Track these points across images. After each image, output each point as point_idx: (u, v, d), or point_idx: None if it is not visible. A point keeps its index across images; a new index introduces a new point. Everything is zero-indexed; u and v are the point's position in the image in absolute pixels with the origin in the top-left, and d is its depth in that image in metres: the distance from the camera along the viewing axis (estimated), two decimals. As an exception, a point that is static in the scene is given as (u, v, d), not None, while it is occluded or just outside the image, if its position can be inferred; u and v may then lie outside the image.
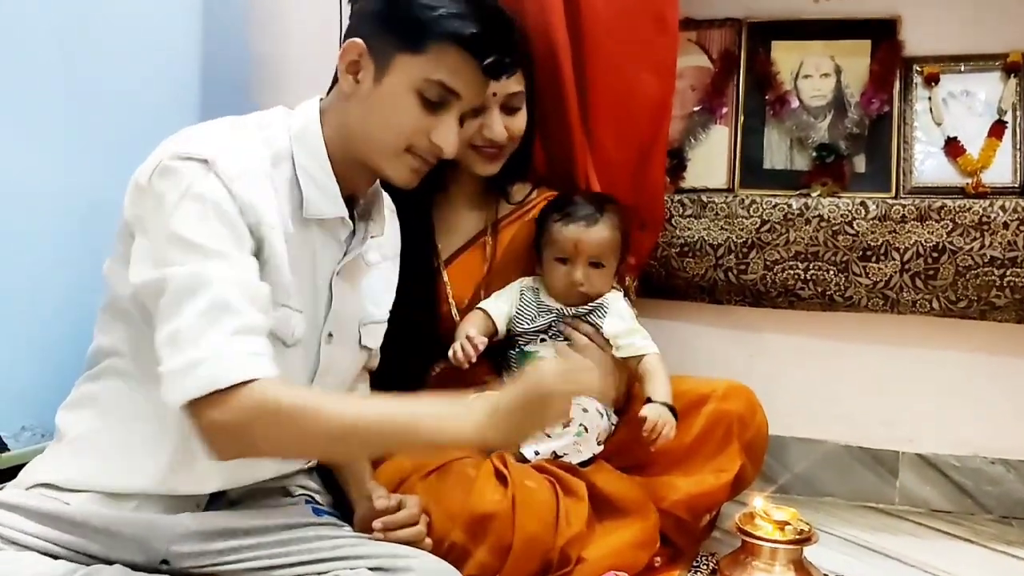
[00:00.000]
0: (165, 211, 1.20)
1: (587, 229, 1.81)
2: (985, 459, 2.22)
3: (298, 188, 1.34)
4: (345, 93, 1.34)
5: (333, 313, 1.40)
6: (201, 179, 1.20)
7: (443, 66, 1.31)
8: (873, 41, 2.28)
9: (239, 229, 1.22)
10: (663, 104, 2.06)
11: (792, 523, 1.68)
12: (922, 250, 2.09)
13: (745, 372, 2.18)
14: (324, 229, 1.38)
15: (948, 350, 2.24)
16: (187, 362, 1.13)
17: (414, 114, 1.32)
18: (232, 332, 1.15)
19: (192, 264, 1.17)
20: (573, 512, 1.61)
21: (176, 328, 1.15)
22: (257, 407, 1.13)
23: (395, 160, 1.35)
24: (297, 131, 1.35)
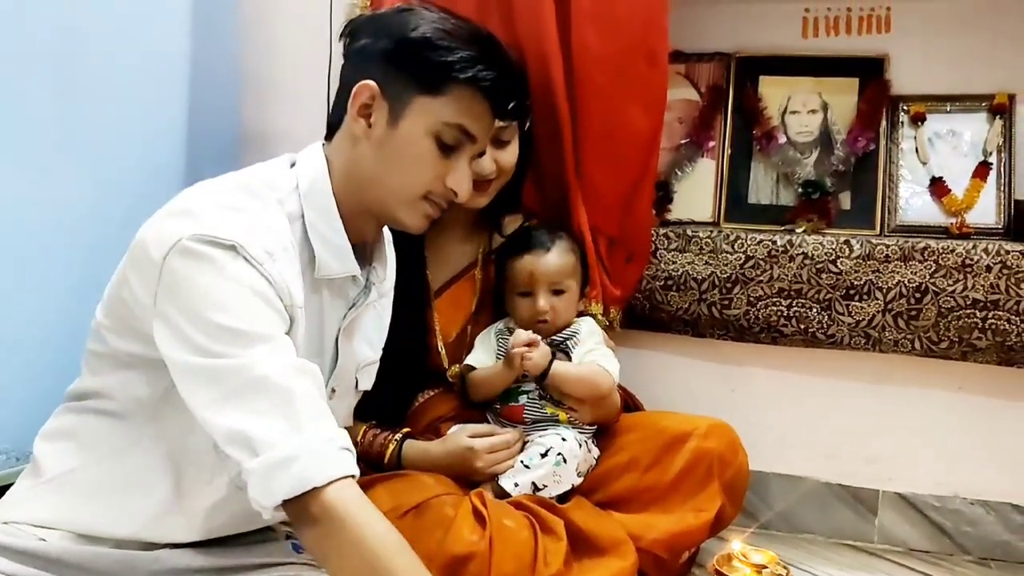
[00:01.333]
0: (196, 296, 1.14)
1: (542, 257, 1.83)
2: (964, 500, 2.22)
3: (309, 247, 1.30)
4: (356, 137, 1.30)
5: (338, 370, 1.39)
6: (231, 263, 1.15)
7: (462, 109, 1.29)
8: (861, 79, 2.28)
9: (277, 309, 1.19)
10: (652, 139, 2.06)
11: (770, 566, 1.68)
12: (905, 290, 2.09)
13: (726, 406, 2.19)
14: (332, 290, 1.35)
15: (929, 390, 2.23)
16: (279, 458, 1.09)
17: (432, 159, 1.30)
18: (311, 418, 1.12)
19: (240, 357, 1.12)
20: (551, 551, 1.60)
21: (240, 429, 1.10)
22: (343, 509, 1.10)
23: (411, 207, 1.33)
24: (306, 188, 1.31)
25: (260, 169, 1.34)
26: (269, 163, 1.36)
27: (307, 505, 1.09)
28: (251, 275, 1.16)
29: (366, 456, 1.77)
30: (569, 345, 1.86)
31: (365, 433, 1.78)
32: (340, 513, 1.09)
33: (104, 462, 1.29)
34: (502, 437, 1.78)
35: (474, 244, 1.95)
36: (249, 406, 1.11)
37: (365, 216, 1.35)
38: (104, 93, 1.74)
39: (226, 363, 1.12)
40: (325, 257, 1.31)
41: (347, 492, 1.11)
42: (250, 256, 1.16)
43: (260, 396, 1.11)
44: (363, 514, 1.11)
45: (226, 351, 1.12)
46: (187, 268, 1.15)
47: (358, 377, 1.47)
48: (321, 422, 1.13)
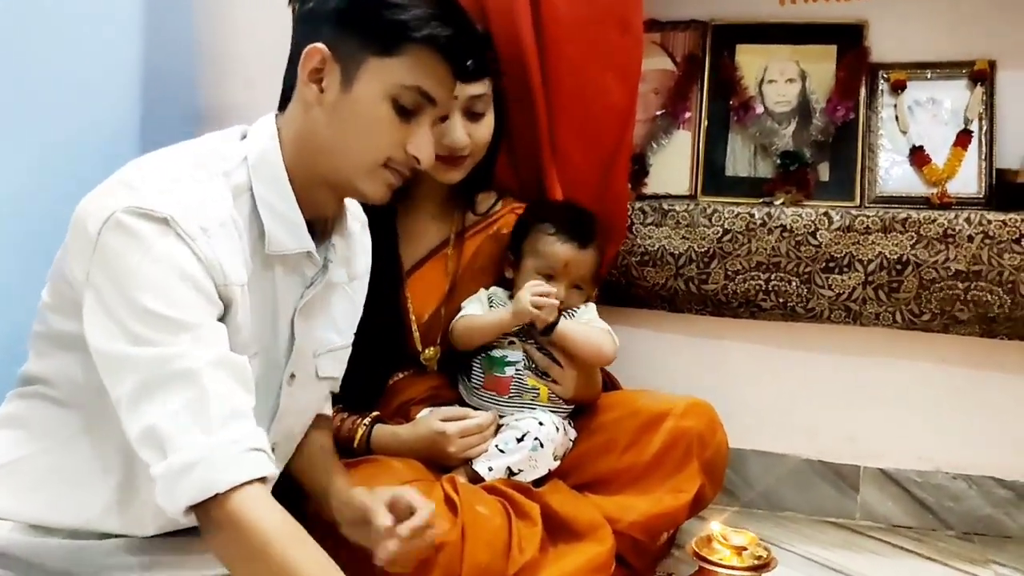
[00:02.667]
0: (124, 274, 1.09)
1: (581, 251, 1.80)
2: (947, 475, 2.20)
3: (258, 221, 1.23)
4: (308, 103, 1.23)
5: (296, 353, 1.32)
6: (161, 238, 1.10)
7: (419, 70, 1.22)
8: (839, 47, 2.23)
9: (208, 293, 1.13)
10: (627, 109, 2.01)
11: (750, 548, 1.63)
12: (886, 262, 2.05)
13: (705, 383, 2.16)
14: (287, 266, 1.28)
15: (911, 363, 2.21)
16: (182, 463, 1.05)
17: (390, 124, 1.23)
18: (222, 420, 1.07)
19: (162, 345, 1.08)
20: (526, 538, 1.56)
21: (152, 425, 1.06)
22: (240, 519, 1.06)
23: (371, 176, 1.26)
24: (255, 160, 1.24)
25: (210, 139, 1.28)
26: (220, 133, 1.30)
27: (210, 511, 1.06)
28: (181, 254, 1.11)
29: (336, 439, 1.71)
30: (567, 315, 1.82)
31: (333, 417, 1.72)
32: (243, 520, 1.05)
33: (53, 451, 1.23)
34: (475, 420, 1.73)
35: (447, 222, 1.89)
36: (161, 403, 1.06)
37: (321, 188, 1.28)
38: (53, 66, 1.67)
39: (146, 353, 1.07)
40: (276, 231, 1.24)
41: (251, 498, 1.06)
42: (182, 231, 1.11)
43: (174, 392, 1.07)
44: (268, 520, 1.06)
45: (149, 337, 1.08)
46: (119, 244, 1.10)
47: (317, 363, 1.39)
48: (233, 422, 1.08)
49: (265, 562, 1.05)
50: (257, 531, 1.05)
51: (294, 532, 1.09)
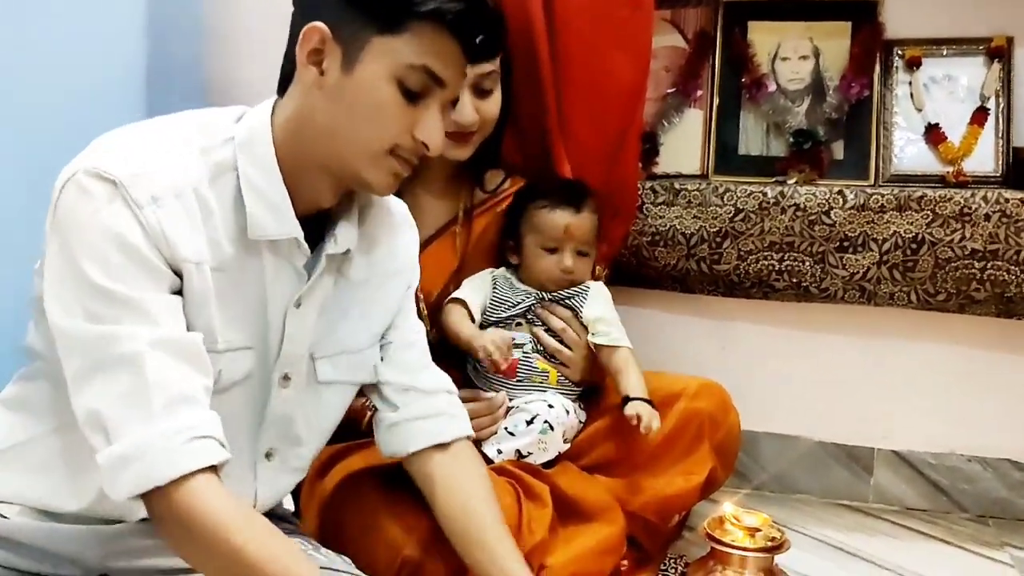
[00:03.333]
0: (69, 239, 1.06)
1: (577, 215, 1.78)
2: (962, 457, 2.18)
3: (242, 204, 1.16)
4: (307, 86, 1.14)
5: (285, 354, 1.23)
6: (107, 204, 1.06)
7: (426, 48, 1.13)
8: (853, 23, 2.19)
9: (151, 265, 1.07)
10: (637, 87, 1.99)
11: (763, 529, 1.61)
12: (901, 241, 2.03)
13: (717, 364, 2.16)
14: (276, 254, 1.19)
15: (926, 344, 2.18)
16: (122, 454, 1.02)
17: (396, 108, 1.14)
18: (163, 408, 1.03)
19: (107, 322, 1.04)
20: (536, 519, 1.55)
21: (95, 409, 1.03)
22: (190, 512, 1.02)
23: (376, 165, 1.17)
24: (243, 137, 1.17)
25: (205, 114, 1.22)
26: (219, 110, 1.23)
27: (152, 503, 1.03)
28: (126, 222, 1.06)
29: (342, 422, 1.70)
30: (576, 303, 1.80)
31: None
32: (189, 512, 1.02)
33: (55, 435, 1.20)
34: (484, 403, 1.71)
35: (453, 200, 1.87)
36: (103, 387, 1.03)
37: (318, 176, 1.19)
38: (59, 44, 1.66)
39: (92, 331, 1.04)
40: (258, 213, 1.15)
41: (196, 489, 1.02)
42: (129, 197, 1.06)
43: (116, 376, 1.03)
44: (215, 511, 1.03)
45: (95, 312, 1.04)
46: (71, 203, 1.07)
47: (316, 366, 1.29)
48: (177, 409, 1.04)
49: (216, 552, 1.02)
50: (205, 522, 1.02)
51: (246, 519, 1.05)
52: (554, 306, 1.80)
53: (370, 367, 1.35)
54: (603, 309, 1.81)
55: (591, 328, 1.79)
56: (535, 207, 1.79)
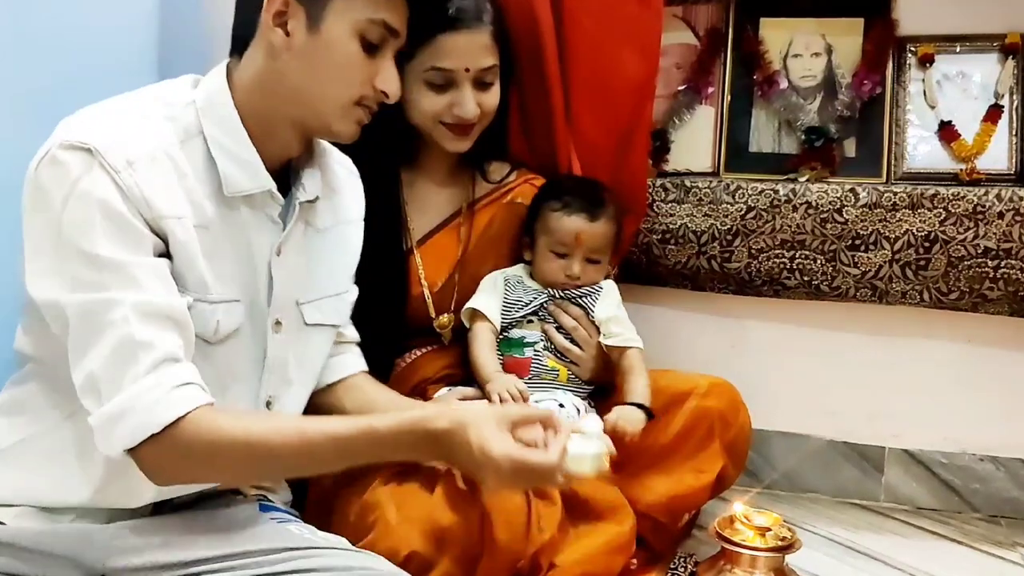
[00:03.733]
0: (52, 213, 1.11)
1: (590, 223, 1.77)
2: (973, 456, 2.17)
3: (214, 165, 1.21)
4: (274, 48, 1.20)
5: (276, 299, 1.29)
6: (85, 173, 1.10)
7: (382, 3, 1.21)
8: (866, 19, 2.18)
9: (134, 229, 1.12)
10: (646, 84, 1.98)
11: (774, 528, 1.62)
12: (913, 239, 2.02)
13: (727, 362, 2.15)
14: (253, 207, 1.25)
15: (938, 343, 2.17)
16: (113, 412, 1.08)
17: (360, 62, 1.22)
18: (150, 368, 1.09)
19: (90, 289, 1.09)
20: (545, 517, 1.54)
21: (90, 372, 1.09)
22: (192, 443, 1.10)
23: (346, 116, 1.26)
24: (203, 102, 1.23)
25: (159, 85, 1.27)
26: (170, 81, 1.29)
27: (144, 452, 1.10)
28: (105, 188, 1.10)
29: None
30: (588, 302, 1.80)
31: None
32: (185, 447, 1.10)
33: (53, 431, 1.24)
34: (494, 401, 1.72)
35: (459, 191, 1.87)
36: (96, 352, 1.09)
37: (283, 129, 1.26)
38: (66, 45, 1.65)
39: (79, 299, 1.10)
40: (230, 171, 1.22)
41: (193, 422, 1.10)
42: (106, 163, 1.11)
43: (105, 341, 1.09)
44: (220, 428, 1.12)
45: (82, 278, 1.10)
46: (48, 178, 1.11)
47: (302, 310, 1.36)
48: (162, 367, 1.10)
49: (231, 461, 1.14)
50: (209, 443, 1.11)
51: (239, 421, 1.14)
52: (566, 304, 1.79)
53: (347, 309, 1.45)
54: (615, 309, 1.80)
55: (603, 328, 1.78)
56: (550, 208, 1.78)
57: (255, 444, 1.13)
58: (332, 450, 1.16)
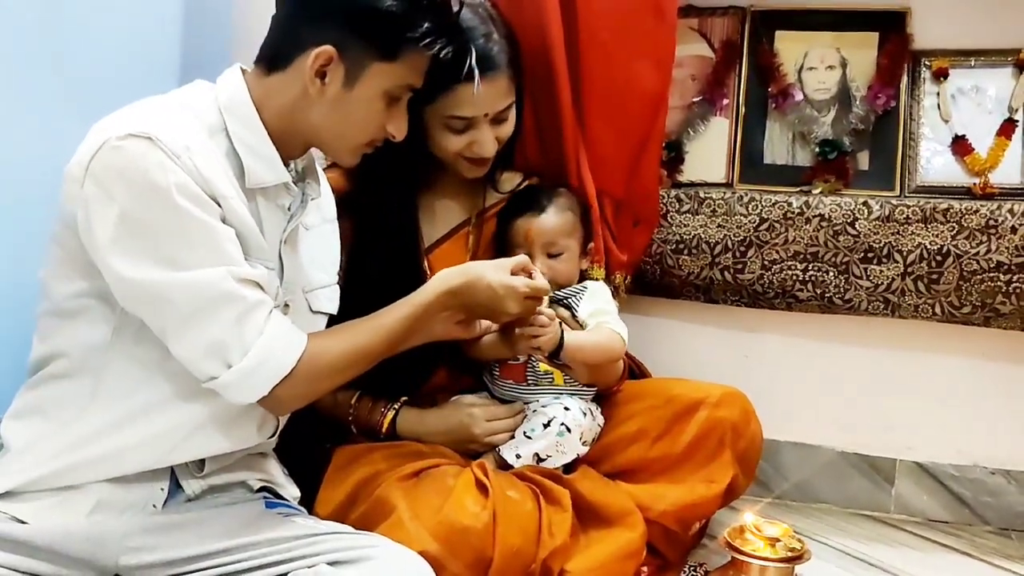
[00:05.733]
0: (129, 203, 1.19)
1: (536, 218, 1.79)
2: (985, 469, 2.17)
3: (237, 159, 1.33)
4: (308, 92, 1.32)
5: (286, 283, 1.41)
6: (149, 157, 1.19)
7: (414, 71, 1.37)
8: (881, 33, 2.19)
9: (206, 202, 1.23)
10: (659, 97, 2.00)
11: (784, 539, 1.62)
12: (926, 253, 2.02)
13: (740, 374, 2.15)
14: (267, 198, 1.38)
15: (949, 356, 2.18)
16: (248, 367, 1.25)
17: (380, 114, 1.38)
18: (263, 322, 1.26)
19: (189, 267, 1.22)
20: (556, 523, 1.55)
21: (212, 339, 1.24)
22: (315, 370, 1.32)
23: (354, 153, 1.42)
24: (225, 103, 1.34)
25: (178, 91, 1.38)
26: (186, 86, 1.40)
27: (280, 389, 1.29)
28: (172, 169, 1.20)
29: (360, 425, 1.74)
30: (573, 302, 1.80)
31: (360, 400, 1.74)
32: (315, 369, 1.32)
33: (74, 422, 1.30)
34: (504, 408, 1.75)
35: (467, 201, 1.89)
36: (217, 318, 1.23)
37: (296, 141, 1.40)
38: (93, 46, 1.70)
39: (182, 278, 1.21)
40: (254, 166, 1.34)
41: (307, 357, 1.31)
42: (166, 148, 1.21)
43: (223, 311, 1.23)
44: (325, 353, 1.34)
45: (175, 257, 1.21)
46: (113, 168, 1.20)
47: (308, 298, 1.49)
48: (272, 319, 1.28)
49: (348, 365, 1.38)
50: (329, 362, 1.34)
51: (339, 333, 1.41)
52: (554, 307, 1.78)
53: (337, 299, 1.57)
54: (598, 304, 1.80)
55: (586, 323, 1.78)
56: (503, 220, 1.83)
57: (356, 352, 1.38)
58: (400, 332, 1.42)
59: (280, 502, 1.46)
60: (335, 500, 1.59)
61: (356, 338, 1.39)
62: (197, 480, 1.39)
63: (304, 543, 1.32)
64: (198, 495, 1.39)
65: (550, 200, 1.80)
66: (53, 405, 1.32)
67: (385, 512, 1.51)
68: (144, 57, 1.82)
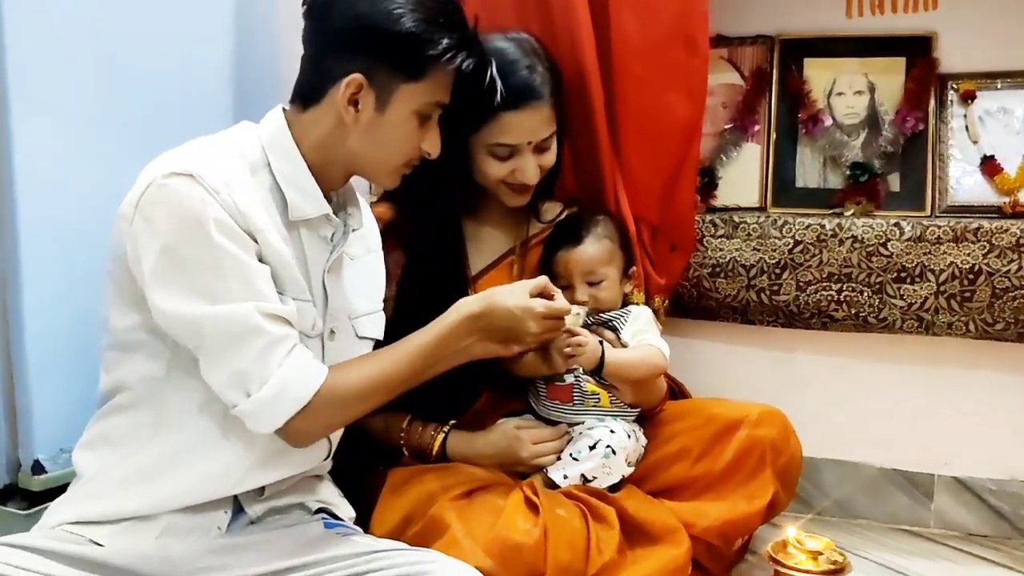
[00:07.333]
0: (169, 236, 1.26)
1: (574, 249, 1.83)
2: (1022, 483, 2.19)
3: (280, 193, 1.39)
4: (342, 121, 1.38)
5: (331, 310, 1.46)
6: (191, 193, 1.26)
7: (441, 88, 1.42)
8: (908, 58, 2.24)
9: (241, 237, 1.29)
10: (693, 126, 2.05)
11: (826, 553, 1.65)
12: (958, 272, 2.06)
13: (778, 393, 2.15)
14: (310, 229, 1.43)
15: (984, 372, 2.20)
16: (265, 397, 1.28)
17: (412, 134, 1.43)
18: (285, 356, 1.30)
19: (223, 300, 1.27)
20: (604, 540, 1.59)
21: (236, 369, 1.28)
22: (334, 402, 1.34)
23: (393, 174, 1.47)
24: (268, 140, 1.41)
25: (224, 132, 1.44)
26: (232, 127, 1.46)
27: (297, 421, 1.31)
28: (211, 205, 1.27)
29: (412, 448, 1.78)
30: (618, 324, 1.84)
31: (411, 423, 1.79)
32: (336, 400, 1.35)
33: (139, 452, 1.36)
34: (550, 430, 1.79)
35: (512, 231, 1.94)
36: (243, 351, 1.28)
37: (336, 172, 1.45)
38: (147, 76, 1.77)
39: (215, 311, 1.26)
40: (296, 199, 1.40)
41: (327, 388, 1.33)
42: (207, 185, 1.27)
43: (249, 343, 1.28)
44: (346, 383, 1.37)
45: (210, 290, 1.27)
46: (158, 203, 1.27)
47: (355, 324, 1.53)
48: (294, 353, 1.32)
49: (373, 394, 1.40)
50: (350, 391, 1.37)
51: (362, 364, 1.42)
52: (599, 328, 1.83)
53: (383, 325, 1.61)
54: (642, 325, 1.84)
55: (629, 344, 1.82)
56: (547, 250, 1.89)
57: (377, 381, 1.40)
58: (421, 359, 1.44)
59: (338, 522, 1.50)
60: (390, 520, 1.63)
61: (377, 367, 1.41)
62: (259, 504, 1.43)
63: (365, 560, 1.34)
64: (260, 517, 1.44)
65: (588, 230, 1.84)
66: (119, 436, 1.38)
67: (439, 531, 1.55)
68: (198, 102, 1.89)
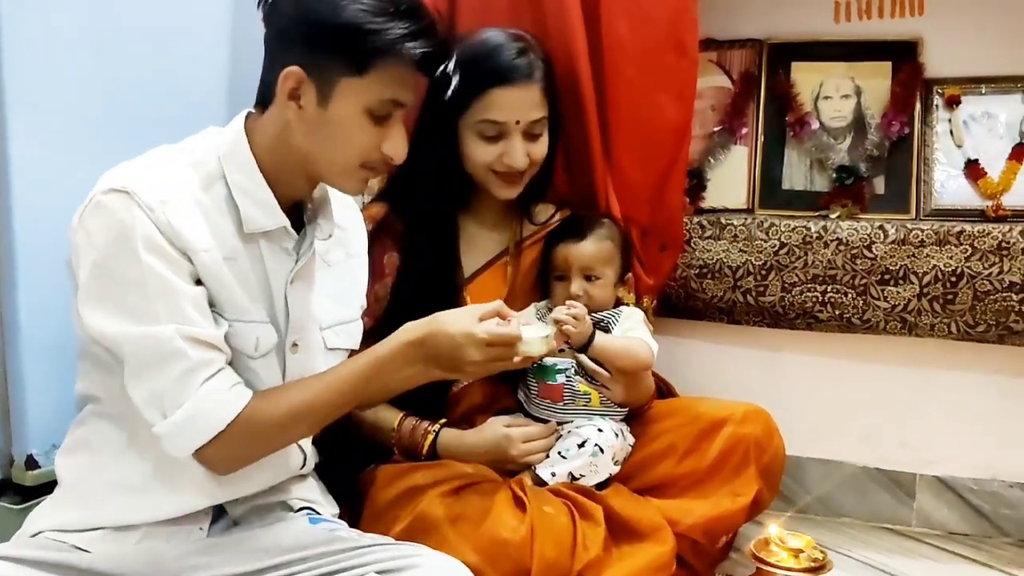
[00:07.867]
0: (99, 252, 1.25)
1: (576, 244, 1.87)
2: (1003, 483, 2.22)
3: (235, 205, 1.35)
4: (287, 117, 1.32)
5: (292, 322, 1.42)
6: (126, 212, 1.24)
7: (392, 83, 1.31)
8: (894, 63, 2.27)
9: (172, 257, 1.26)
10: (683, 128, 2.08)
11: (807, 551, 1.68)
12: (941, 275, 2.09)
13: (763, 393, 2.17)
14: (270, 240, 1.38)
15: (966, 373, 2.23)
16: (180, 420, 1.25)
17: (365, 132, 1.33)
18: (204, 382, 1.27)
19: (146, 322, 1.25)
20: (590, 536, 1.61)
21: (154, 390, 1.26)
22: (252, 431, 1.30)
23: (348, 176, 1.38)
24: (225, 150, 1.36)
25: (188, 138, 1.41)
26: (200, 132, 1.42)
27: (210, 448, 1.28)
28: (145, 224, 1.24)
29: (403, 446, 1.79)
30: (609, 323, 1.87)
31: (402, 421, 1.80)
32: (251, 431, 1.30)
33: (116, 462, 1.36)
34: (538, 427, 1.81)
35: (506, 232, 1.96)
36: (160, 374, 1.25)
37: (297, 177, 1.39)
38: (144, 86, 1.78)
39: (139, 331, 1.24)
40: (250, 211, 1.35)
41: (245, 417, 1.28)
42: (142, 202, 1.24)
43: (169, 366, 1.25)
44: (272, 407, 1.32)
45: (135, 309, 1.24)
46: (92, 223, 1.26)
47: (324, 335, 1.49)
48: (214, 379, 1.28)
49: (294, 427, 1.35)
50: (267, 421, 1.31)
51: (286, 392, 1.35)
52: None
53: (359, 335, 1.57)
54: (633, 324, 1.87)
55: None
56: (548, 244, 1.91)
57: (302, 410, 1.34)
58: (352, 388, 1.36)
59: (322, 518, 1.50)
60: (379, 516, 1.65)
61: (302, 396, 1.34)
62: (240, 506, 1.44)
63: (352, 555, 1.34)
64: (242, 517, 1.45)
65: (592, 230, 1.88)
66: (97, 442, 1.38)
67: (427, 527, 1.57)
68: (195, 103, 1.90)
